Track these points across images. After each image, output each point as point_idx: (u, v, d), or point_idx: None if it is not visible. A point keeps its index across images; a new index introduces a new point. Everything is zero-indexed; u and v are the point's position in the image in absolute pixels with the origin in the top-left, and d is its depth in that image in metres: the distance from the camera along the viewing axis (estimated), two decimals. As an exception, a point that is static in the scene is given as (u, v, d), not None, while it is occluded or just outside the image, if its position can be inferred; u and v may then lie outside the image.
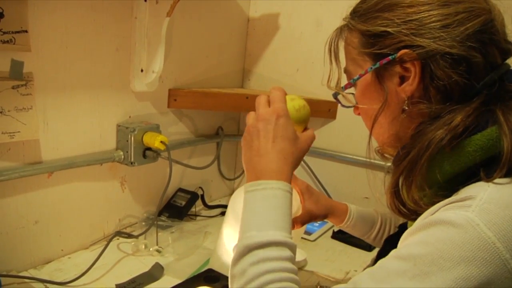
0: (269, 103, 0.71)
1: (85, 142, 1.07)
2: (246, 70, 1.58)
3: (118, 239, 1.15)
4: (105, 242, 1.09)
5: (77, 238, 1.10)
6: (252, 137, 0.68)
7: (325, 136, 1.44)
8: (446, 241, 0.49)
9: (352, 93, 0.72)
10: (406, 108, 0.62)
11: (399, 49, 0.61)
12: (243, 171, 1.62)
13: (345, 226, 0.96)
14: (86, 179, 1.09)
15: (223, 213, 1.43)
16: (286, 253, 0.60)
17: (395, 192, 0.62)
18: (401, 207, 0.62)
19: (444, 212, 0.53)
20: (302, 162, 1.46)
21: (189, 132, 1.38)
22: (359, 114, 0.74)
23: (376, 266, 0.55)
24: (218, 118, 1.50)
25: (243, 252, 0.59)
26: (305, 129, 0.76)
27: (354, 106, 0.74)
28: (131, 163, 1.11)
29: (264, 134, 0.67)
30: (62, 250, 1.07)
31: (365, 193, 1.40)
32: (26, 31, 0.90)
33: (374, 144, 0.73)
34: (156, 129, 1.15)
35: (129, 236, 1.15)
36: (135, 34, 1.11)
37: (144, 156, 1.13)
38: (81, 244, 1.12)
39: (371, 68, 0.65)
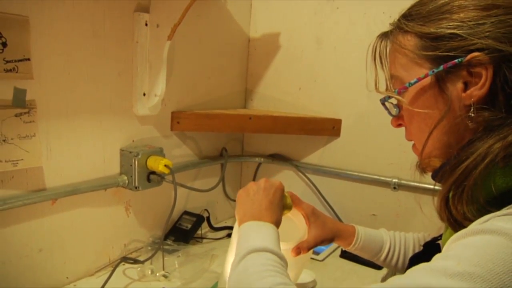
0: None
1: (88, 167, 1.06)
2: (248, 90, 1.58)
3: (124, 264, 1.13)
4: (111, 268, 1.07)
5: (83, 265, 1.09)
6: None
7: (330, 154, 1.43)
8: (496, 248, 0.48)
9: (395, 100, 0.69)
10: (473, 115, 0.59)
11: (467, 52, 0.58)
12: (248, 192, 1.61)
13: (353, 249, 0.94)
14: (91, 204, 1.08)
15: (229, 235, 1.41)
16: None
17: (445, 202, 0.60)
18: (450, 217, 0.60)
19: (496, 222, 0.51)
20: (308, 181, 1.46)
21: (193, 154, 1.38)
22: (399, 125, 0.72)
23: (416, 268, 0.53)
24: (222, 139, 1.50)
25: (241, 257, 0.69)
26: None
27: (398, 116, 0.71)
28: (136, 187, 1.10)
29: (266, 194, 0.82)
30: (67, 277, 1.06)
31: (372, 210, 1.38)
32: (29, 59, 0.90)
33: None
34: (160, 152, 1.15)
35: (135, 261, 1.14)
36: (137, 58, 1.11)
37: (149, 180, 1.13)
38: (87, 271, 1.10)
39: (433, 71, 0.61)
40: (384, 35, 0.71)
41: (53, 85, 0.96)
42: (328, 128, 1.40)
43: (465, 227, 0.56)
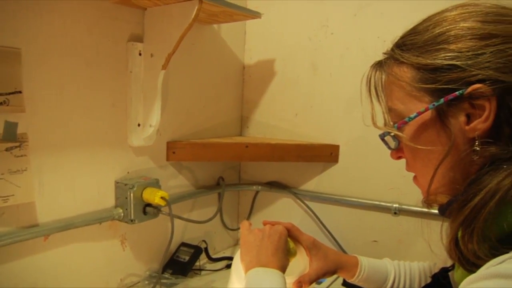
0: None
1: (82, 201, 1.03)
2: (244, 118, 1.56)
3: (120, 301, 1.10)
4: (107, 306, 1.03)
5: (77, 303, 1.05)
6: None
7: (328, 180, 1.41)
8: None
9: (396, 133, 0.66)
10: (478, 149, 0.57)
11: (468, 83, 0.56)
12: (246, 221, 1.58)
13: (357, 280, 0.91)
14: (85, 239, 1.05)
15: (228, 266, 1.38)
16: None
17: (455, 242, 0.57)
18: (461, 256, 0.56)
19: (510, 264, 0.49)
20: (306, 209, 1.43)
21: (189, 184, 1.35)
22: (399, 158, 0.69)
23: None
24: (218, 168, 1.47)
25: None
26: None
27: (397, 149, 0.68)
28: (131, 220, 1.07)
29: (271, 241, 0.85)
30: (61, 317, 1.02)
31: (374, 237, 1.35)
32: (21, 92, 0.88)
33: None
34: (156, 184, 1.12)
35: (132, 297, 1.10)
36: (131, 89, 1.10)
37: (145, 212, 1.09)
38: (82, 308, 1.06)
39: (434, 105, 0.59)
40: (379, 65, 0.68)
41: (46, 117, 0.94)
42: (326, 154, 1.38)
43: (476, 265, 0.53)
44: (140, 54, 1.09)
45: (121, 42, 1.07)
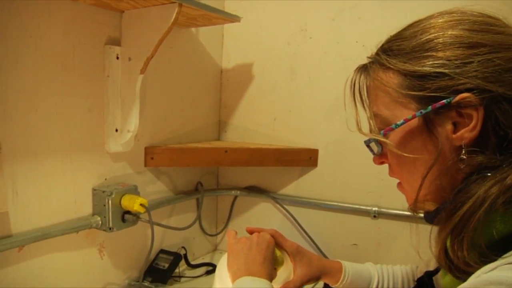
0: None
1: (59, 209, 1.00)
2: (222, 122, 1.55)
3: (98, 312, 1.06)
4: (84, 317, 1.00)
5: (54, 316, 1.01)
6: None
7: (308, 184, 1.41)
8: None
9: (382, 140, 0.65)
10: (464, 157, 0.56)
11: (456, 92, 0.56)
12: (224, 226, 1.56)
13: (341, 286, 0.91)
14: (61, 249, 1.01)
15: (208, 272, 1.36)
16: None
17: (445, 250, 0.57)
18: (451, 264, 0.56)
19: (503, 272, 0.49)
20: (286, 213, 1.43)
21: (167, 190, 1.33)
22: (382, 163, 0.69)
23: None
24: (197, 173, 1.45)
25: None
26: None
27: (380, 155, 0.68)
28: (110, 228, 1.04)
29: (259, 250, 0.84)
30: (37, 330, 0.98)
31: (353, 240, 1.36)
32: (-7, 97, 0.85)
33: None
34: (134, 190, 1.09)
35: (110, 307, 1.07)
36: (108, 93, 1.07)
37: (123, 220, 1.07)
38: (58, 321, 1.02)
39: (421, 112, 0.58)
40: (363, 69, 0.67)
41: (19, 123, 0.90)
42: (305, 159, 1.38)
43: (467, 273, 0.54)
44: (117, 58, 1.06)
45: (98, 46, 1.04)
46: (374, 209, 1.30)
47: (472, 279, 0.51)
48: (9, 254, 0.91)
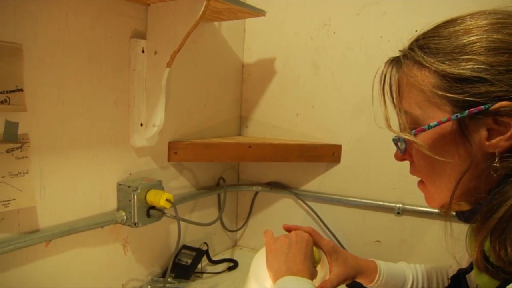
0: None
1: (84, 204, 0.99)
2: (243, 117, 1.53)
3: (122, 307, 1.06)
4: (110, 313, 0.99)
5: (79, 310, 1.01)
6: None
7: (331, 180, 1.39)
8: None
9: (413, 141, 0.62)
10: (497, 165, 0.55)
11: (495, 99, 0.54)
12: (245, 222, 1.55)
13: (376, 286, 0.90)
14: (86, 244, 1.01)
15: (230, 268, 1.35)
16: None
17: (483, 253, 0.56)
18: (492, 267, 0.55)
19: None
20: (308, 209, 1.41)
21: (190, 185, 1.31)
22: (404, 160, 0.67)
23: None
24: (218, 168, 1.44)
25: None
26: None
27: (404, 152, 0.66)
28: (135, 224, 1.03)
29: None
30: (63, 324, 0.97)
31: (376, 237, 1.34)
32: (22, 90, 0.84)
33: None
34: (159, 185, 1.08)
35: (135, 303, 1.06)
36: (134, 87, 1.06)
37: (148, 215, 1.06)
38: (83, 315, 1.02)
39: (457, 116, 0.56)
40: (396, 63, 0.65)
41: (47, 117, 0.89)
42: (328, 155, 1.36)
43: (510, 272, 0.52)
44: (143, 51, 1.05)
45: (124, 39, 1.03)
46: (398, 205, 1.28)
47: None
48: (37, 249, 0.90)
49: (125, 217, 1.04)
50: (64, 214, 0.95)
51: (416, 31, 0.65)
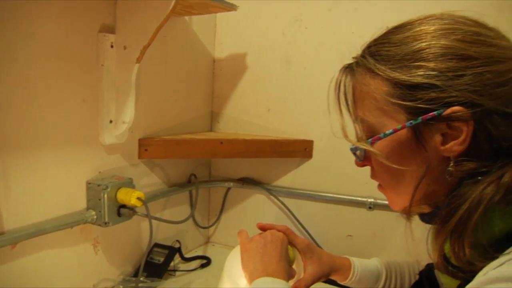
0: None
1: (52, 204, 0.96)
2: (214, 113, 1.52)
3: (93, 309, 1.03)
4: (80, 315, 0.97)
5: (48, 313, 0.98)
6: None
7: (303, 176, 1.40)
8: None
9: (371, 151, 0.62)
10: (452, 169, 0.56)
11: (447, 104, 0.54)
12: (217, 218, 1.54)
13: (350, 283, 0.90)
14: (55, 245, 0.98)
15: (202, 265, 1.34)
16: None
17: (443, 256, 0.57)
18: (453, 268, 0.56)
19: (510, 267, 0.48)
20: (281, 205, 1.41)
21: (161, 182, 1.29)
22: (364, 165, 0.67)
23: None
24: (190, 165, 1.43)
25: None
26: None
27: (363, 159, 0.67)
28: (105, 223, 1.01)
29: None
30: (31, 329, 0.94)
31: (349, 231, 1.35)
32: (-17, 87, 0.80)
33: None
34: (130, 184, 1.06)
35: (106, 304, 1.04)
36: (102, 83, 1.03)
37: (119, 214, 1.03)
38: (53, 319, 0.99)
39: (411, 123, 0.56)
40: (349, 70, 0.65)
41: (10, 115, 0.85)
42: (300, 150, 1.36)
43: (471, 272, 0.53)
44: (112, 46, 1.02)
45: (92, 33, 1.00)
46: (369, 200, 1.29)
47: (480, 277, 0.51)
48: (2, 252, 0.87)
49: (95, 217, 1.01)
50: (31, 215, 0.91)
51: (387, 27, 0.65)
